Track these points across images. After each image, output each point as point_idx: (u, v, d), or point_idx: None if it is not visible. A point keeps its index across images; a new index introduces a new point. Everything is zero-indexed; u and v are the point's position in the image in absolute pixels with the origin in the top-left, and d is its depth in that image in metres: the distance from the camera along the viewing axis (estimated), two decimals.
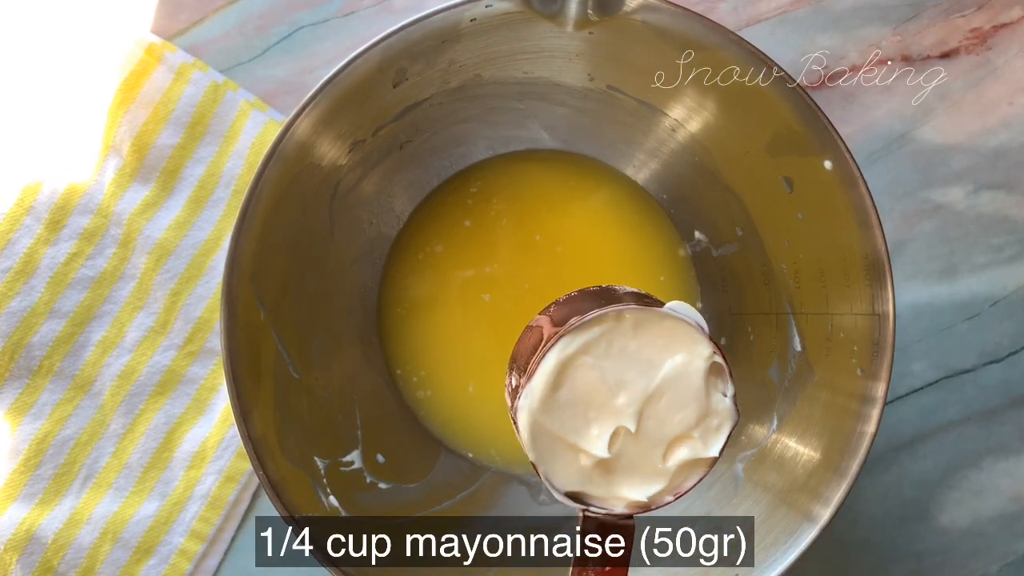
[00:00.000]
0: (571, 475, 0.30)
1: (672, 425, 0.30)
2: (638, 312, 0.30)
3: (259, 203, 0.35)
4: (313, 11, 0.49)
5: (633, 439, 0.30)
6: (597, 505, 0.30)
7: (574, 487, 0.30)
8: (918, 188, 0.48)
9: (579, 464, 0.30)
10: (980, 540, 0.46)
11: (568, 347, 0.30)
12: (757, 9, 0.49)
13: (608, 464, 0.30)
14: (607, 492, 0.30)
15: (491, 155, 0.46)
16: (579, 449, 0.30)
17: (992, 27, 0.48)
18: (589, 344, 0.30)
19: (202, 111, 0.47)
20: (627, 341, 0.30)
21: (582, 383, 0.30)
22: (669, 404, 0.30)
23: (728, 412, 0.30)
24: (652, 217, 0.46)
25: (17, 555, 0.43)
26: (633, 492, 0.30)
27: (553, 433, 0.30)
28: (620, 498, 0.30)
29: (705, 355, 0.30)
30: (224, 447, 0.46)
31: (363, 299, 0.45)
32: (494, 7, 0.35)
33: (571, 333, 0.30)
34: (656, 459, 0.30)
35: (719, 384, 0.30)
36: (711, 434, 0.30)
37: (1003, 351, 0.47)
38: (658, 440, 0.30)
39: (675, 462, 0.30)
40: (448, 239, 0.46)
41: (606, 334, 0.30)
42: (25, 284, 0.45)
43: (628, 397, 0.30)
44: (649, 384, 0.30)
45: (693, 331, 0.30)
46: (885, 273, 0.34)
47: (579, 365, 0.30)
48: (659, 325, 0.30)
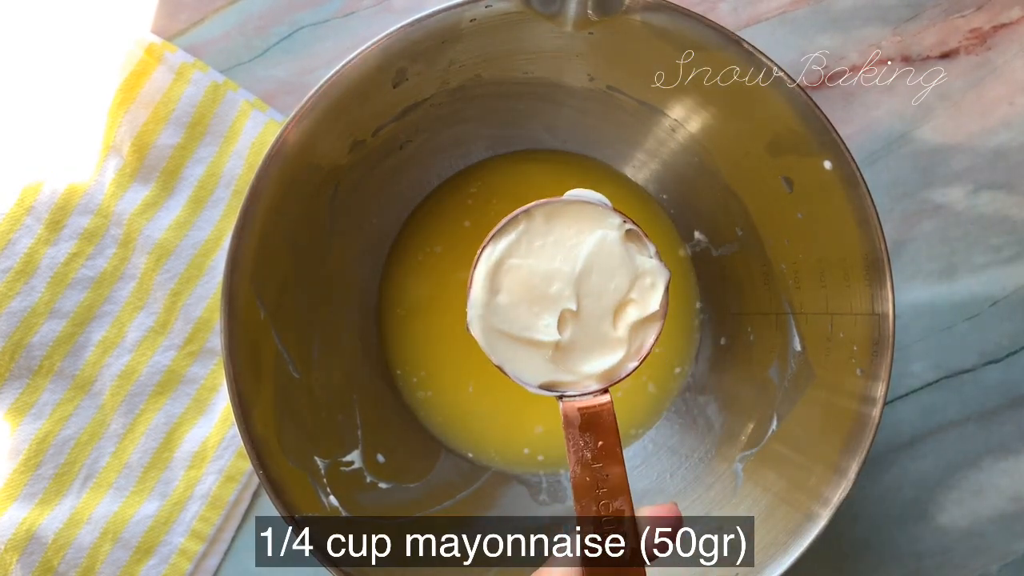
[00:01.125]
0: (537, 368, 0.32)
1: (609, 295, 0.32)
2: (544, 205, 0.32)
3: (259, 203, 0.35)
4: (313, 11, 0.49)
5: (579, 318, 0.32)
6: (572, 391, 0.32)
7: (544, 378, 0.32)
8: (918, 188, 0.48)
9: (541, 356, 0.32)
10: (980, 540, 0.46)
11: (492, 254, 0.32)
12: (757, 9, 0.49)
13: (566, 348, 0.32)
14: (575, 375, 0.32)
15: (491, 155, 0.46)
16: (535, 342, 0.32)
17: (992, 27, 0.48)
18: (511, 246, 0.32)
19: (202, 111, 0.47)
20: (544, 235, 0.32)
21: (516, 282, 0.32)
22: (600, 278, 0.32)
23: (657, 268, 0.33)
24: (652, 217, 0.46)
25: (17, 555, 0.43)
26: (598, 365, 0.32)
27: (507, 334, 0.32)
28: (588, 376, 0.32)
29: (616, 224, 0.32)
30: (224, 447, 0.46)
31: (363, 299, 0.45)
32: (494, 7, 0.35)
33: (492, 241, 0.32)
34: (608, 330, 0.32)
35: (640, 248, 0.33)
36: (648, 292, 0.33)
37: (1003, 351, 0.47)
38: (602, 313, 0.32)
39: (625, 327, 0.32)
40: (448, 239, 0.46)
41: (524, 234, 0.32)
42: (25, 284, 0.45)
43: (561, 282, 0.32)
44: (576, 265, 0.32)
45: (599, 209, 0.33)
46: (885, 273, 0.34)
47: (508, 268, 0.32)
48: (567, 212, 0.32)
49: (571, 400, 0.32)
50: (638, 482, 0.43)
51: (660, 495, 0.42)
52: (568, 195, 0.33)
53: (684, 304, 0.46)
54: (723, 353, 0.44)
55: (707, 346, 0.45)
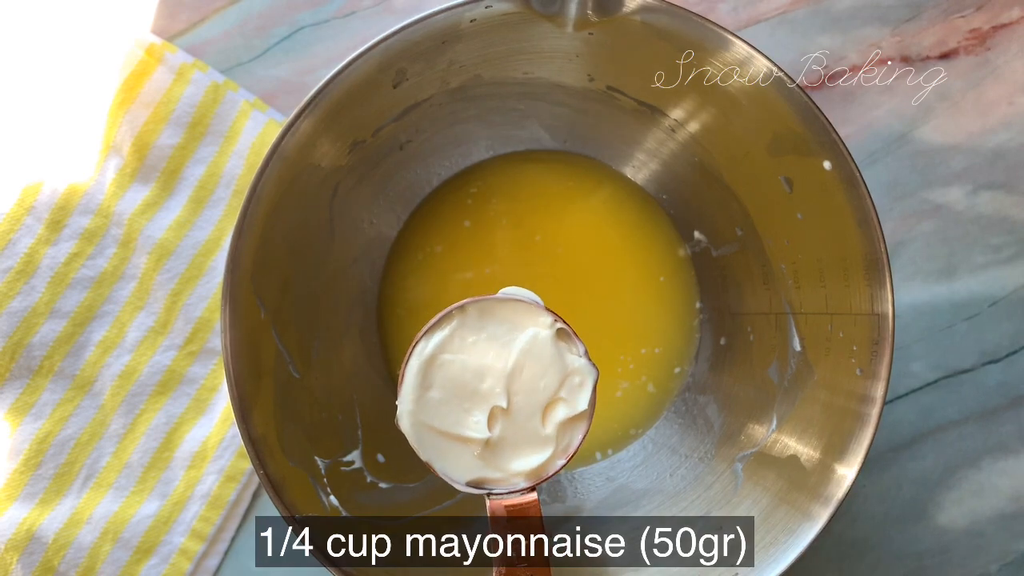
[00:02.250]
0: (465, 465, 0.32)
1: (539, 393, 0.33)
2: (478, 302, 0.33)
3: (259, 203, 0.35)
4: (313, 11, 0.49)
5: (509, 416, 0.32)
6: (499, 488, 0.32)
7: (472, 475, 0.32)
8: (918, 188, 0.48)
9: (470, 453, 0.32)
10: (979, 540, 0.46)
11: (425, 349, 0.32)
12: (757, 9, 0.49)
13: (495, 445, 0.32)
14: (503, 472, 0.32)
15: (491, 155, 0.46)
16: (464, 438, 0.32)
17: (991, 27, 0.48)
18: (443, 342, 0.32)
19: (202, 111, 0.47)
20: (477, 331, 0.33)
21: (448, 378, 0.32)
22: (530, 375, 0.32)
23: (586, 368, 0.33)
24: (652, 217, 0.46)
25: (18, 555, 0.43)
26: (526, 463, 0.32)
27: (436, 430, 0.32)
28: (516, 474, 0.32)
29: (548, 323, 0.33)
30: (224, 447, 0.46)
31: (363, 299, 0.45)
32: (494, 8, 0.35)
33: (424, 337, 0.32)
34: (536, 428, 0.32)
35: (570, 347, 0.33)
36: (577, 391, 0.33)
37: (1002, 351, 0.47)
38: (532, 410, 0.32)
39: (553, 425, 0.33)
40: (448, 239, 0.46)
41: (457, 330, 0.32)
42: (26, 284, 0.45)
43: (492, 379, 0.32)
44: (507, 362, 0.32)
45: (532, 307, 0.33)
46: (884, 273, 0.34)
47: (440, 364, 0.32)
48: (500, 310, 0.33)
49: (498, 498, 0.32)
50: (638, 482, 0.44)
51: (659, 495, 0.42)
52: (502, 292, 0.33)
53: (684, 304, 0.46)
54: (723, 353, 0.44)
55: (707, 346, 0.45)
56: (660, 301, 0.46)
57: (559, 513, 0.44)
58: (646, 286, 0.46)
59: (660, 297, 0.46)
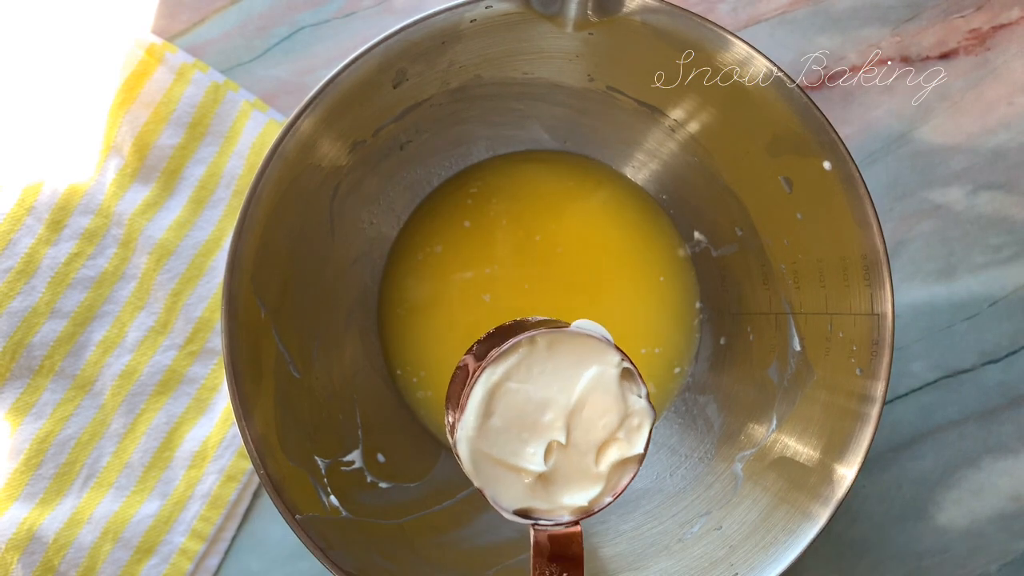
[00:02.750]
0: (516, 494, 0.32)
1: (598, 431, 0.32)
2: (549, 335, 0.32)
3: (260, 203, 0.35)
4: (314, 12, 0.49)
5: (565, 450, 0.32)
6: (545, 519, 0.32)
7: (520, 504, 0.32)
8: (917, 188, 0.48)
9: (521, 483, 0.32)
10: (979, 539, 0.46)
11: (492, 376, 0.32)
12: (757, 10, 0.49)
13: (547, 477, 0.32)
14: (551, 504, 0.32)
15: (491, 156, 0.46)
16: (519, 468, 0.32)
17: (991, 28, 0.49)
18: (510, 371, 0.32)
19: (203, 111, 0.47)
20: (544, 362, 0.32)
21: (511, 407, 0.32)
22: (592, 413, 0.32)
23: (645, 410, 0.33)
24: (652, 217, 0.46)
25: (18, 555, 0.43)
26: (574, 499, 0.32)
27: (492, 458, 0.32)
28: (564, 507, 0.32)
29: (615, 363, 0.32)
30: (225, 446, 0.46)
31: (363, 299, 0.45)
32: (494, 8, 0.35)
33: (492, 364, 0.32)
34: (590, 465, 0.32)
35: (632, 387, 0.33)
36: (634, 433, 0.33)
37: (1002, 351, 0.47)
38: (588, 447, 0.32)
39: (607, 464, 0.32)
40: (448, 239, 0.46)
41: (524, 359, 0.32)
42: (26, 284, 0.45)
43: (554, 413, 0.32)
44: (571, 398, 0.32)
45: (601, 344, 0.33)
46: (884, 273, 0.34)
47: (505, 392, 0.32)
48: (570, 343, 0.32)
49: (543, 529, 0.32)
50: (637, 482, 0.44)
51: (659, 495, 0.42)
52: (574, 326, 0.33)
53: (684, 304, 0.46)
54: (723, 353, 0.44)
55: (707, 346, 0.46)
56: (660, 301, 0.46)
57: None
58: (646, 286, 0.46)
59: (660, 297, 0.46)
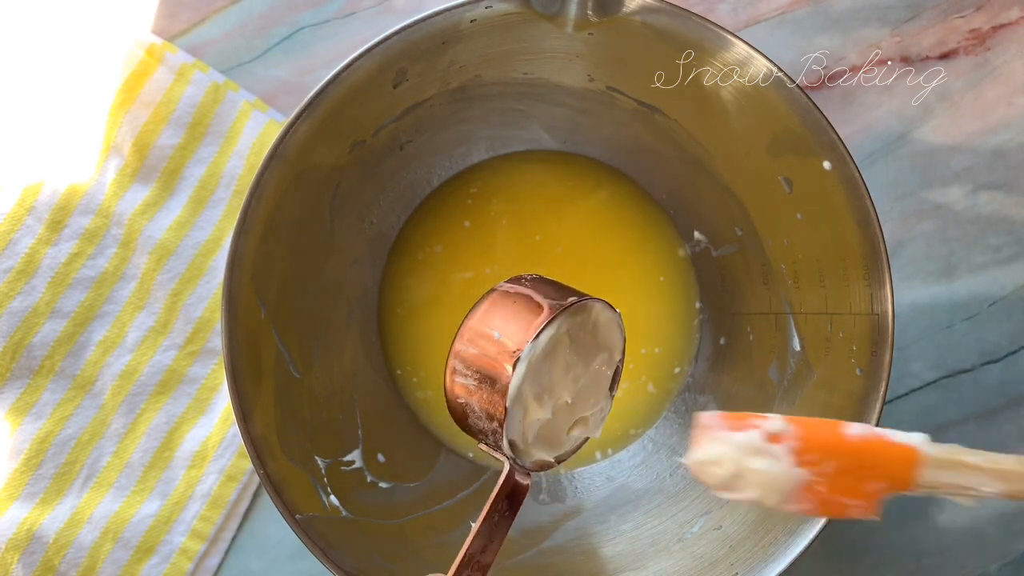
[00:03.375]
0: (514, 427, 0.33)
1: (584, 407, 0.35)
2: (606, 310, 0.34)
3: (260, 203, 0.35)
4: (314, 12, 0.49)
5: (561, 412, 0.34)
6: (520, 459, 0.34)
7: (512, 435, 0.33)
8: (917, 188, 0.48)
9: (525, 422, 0.33)
10: (979, 540, 0.46)
11: (564, 324, 0.33)
12: (757, 10, 0.49)
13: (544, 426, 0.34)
14: (527, 449, 0.34)
15: (491, 156, 0.46)
16: (536, 408, 0.33)
17: (991, 28, 0.49)
18: (573, 327, 0.33)
19: (203, 111, 0.47)
20: (587, 331, 0.34)
21: (559, 356, 0.33)
22: (587, 390, 0.35)
23: (609, 405, 0.36)
24: (652, 217, 0.46)
25: (18, 554, 0.43)
26: (541, 453, 0.34)
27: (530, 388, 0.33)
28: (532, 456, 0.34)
29: (617, 358, 0.35)
30: (225, 446, 0.46)
31: (363, 299, 0.45)
32: (494, 8, 0.35)
33: (569, 312, 0.33)
34: (564, 430, 0.34)
35: (614, 384, 0.36)
36: (598, 420, 0.35)
37: (1002, 351, 0.47)
38: (573, 416, 0.35)
39: (574, 435, 0.35)
40: (448, 239, 0.46)
41: (583, 321, 0.34)
42: (26, 284, 0.45)
43: (574, 377, 0.34)
44: (587, 370, 0.34)
45: (619, 336, 0.35)
46: (884, 273, 0.34)
47: (560, 341, 0.33)
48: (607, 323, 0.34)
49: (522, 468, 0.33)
50: (638, 482, 0.44)
51: (659, 494, 0.42)
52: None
53: (684, 304, 0.46)
54: (723, 353, 0.44)
55: (707, 346, 0.46)
56: (660, 301, 0.46)
57: (559, 512, 0.44)
58: (646, 286, 0.46)
59: (660, 297, 0.46)
